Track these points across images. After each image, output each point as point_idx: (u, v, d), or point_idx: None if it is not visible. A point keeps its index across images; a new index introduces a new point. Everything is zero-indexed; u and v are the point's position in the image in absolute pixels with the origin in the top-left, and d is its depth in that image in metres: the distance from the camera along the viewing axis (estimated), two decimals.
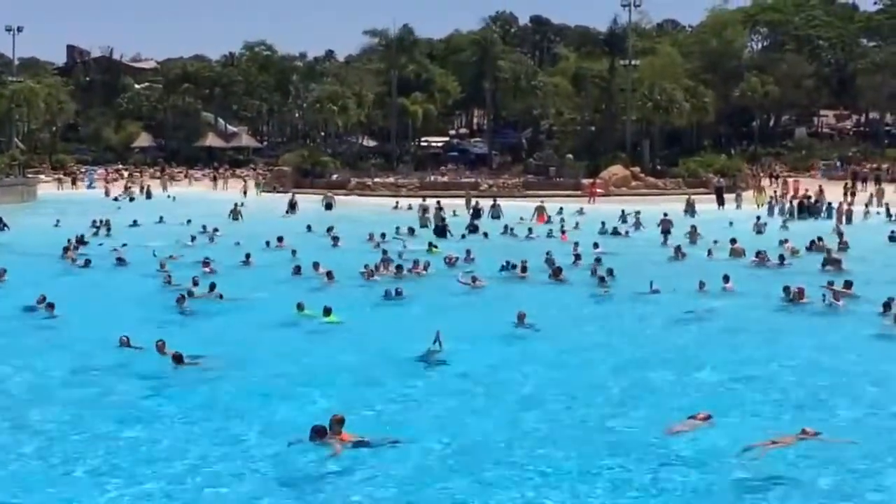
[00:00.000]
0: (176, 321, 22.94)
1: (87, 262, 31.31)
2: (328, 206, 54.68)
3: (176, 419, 15.42)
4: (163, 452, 13.81)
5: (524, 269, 29.20)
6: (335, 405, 15.48)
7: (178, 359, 18.07)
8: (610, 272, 28.19)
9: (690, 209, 50.47)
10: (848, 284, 25.58)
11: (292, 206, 53.23)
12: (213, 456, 13.71)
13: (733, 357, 19.77)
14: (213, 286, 25.62)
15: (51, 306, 22.95)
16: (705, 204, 55.29)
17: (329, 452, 13.40)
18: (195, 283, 26.39)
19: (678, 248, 34.62)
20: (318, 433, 13.49)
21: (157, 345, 18.83)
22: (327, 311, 22.44)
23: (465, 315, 24.05)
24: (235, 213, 48.28)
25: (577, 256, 32.18)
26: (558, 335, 21.58)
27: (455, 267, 30.97)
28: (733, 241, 35.39)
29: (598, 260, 30.84)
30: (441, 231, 41.77)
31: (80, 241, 35.92)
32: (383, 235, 37.98)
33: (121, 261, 31.78)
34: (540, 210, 48.94)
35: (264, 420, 15.28)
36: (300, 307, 23.08)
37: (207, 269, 29.43)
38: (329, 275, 27.99)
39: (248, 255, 32.23)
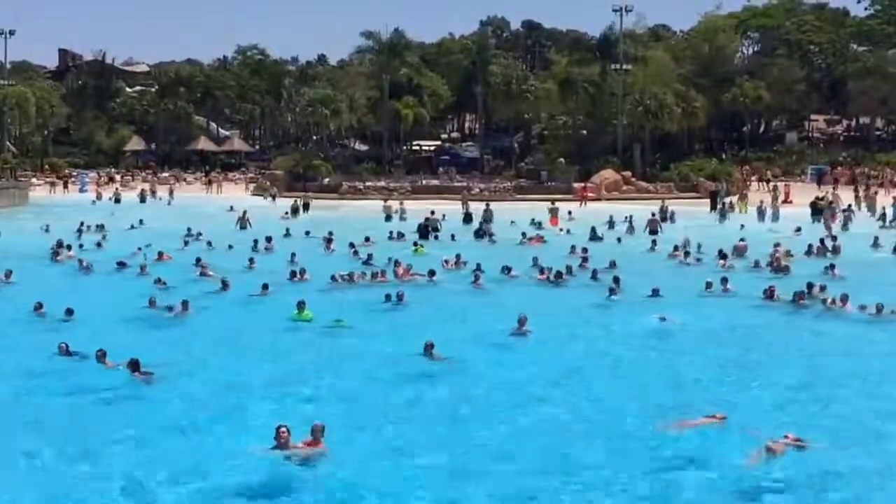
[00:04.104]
0: (162, 326, 22.87)
1: (88, 267, 31.28)
2: (305, 207, 56.22)
3: (133, 431, 14.97)
4: (115, 466, 13.51)
5: (549, 272, 29.41)
6: (321, 410, 15.54)
7: (134, 366, 17.32)
8: (617, 280, 27.99)
9: (668, 215, 49.29)
10: (809, 288, 25.81)
11: (295, 210, 54.45)
12: (174, 469, 13.43)
13: (735, 360, 19.94)
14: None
15: (69, 311, 22.73)
16: (693, 207, 55.38)
17: (297, 459, 13.28)
18: (225, 286, 26.87)
19: (686, 252, 34.60)
20: (281, 437, 13.33)
21: (96, 355, 17.97)
22: (338, 321, 22.51)
23: (465, 318, 24.11)
24: (244, 221, 46.42)
25: (585, 259, 32.27)
26: (560, 339, 21.63)
27: (451, 270, 31.03)
28: (741, 239, 36.19)
29: (612, 263, 30.98)
30: (424, 231, 42.05)
31: (61, 245, 35.70)
32: (367, 239, 38.09)
33: (121, 264, 31.64)
34: (553, 212, 48.94)
35: (227, 429, 15.09)
36: (300, 307, 22.96)
37: (206, 273, 29.64)
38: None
39: (251, 260, 32.56)
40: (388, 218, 50.05)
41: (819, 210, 50.86)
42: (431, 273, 29.29)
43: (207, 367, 19.09)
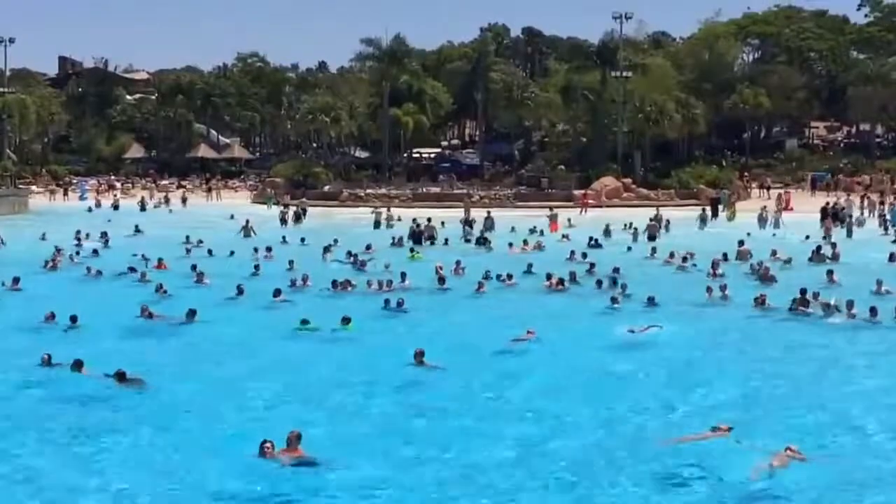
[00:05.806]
0: (165, 333, 22.79)
1: (99, 273, 31.42)
2: (303, 212, 56.62)
3: (117, 441, 14.87)
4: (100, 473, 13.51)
5: (553, 278, 29.31)
6: (313, 419, 15.51)
7: (121, 377, 17.16)
8: (623, 287, 27.80)
9: (664, 223, 48.28)
10: (802, 294, 25.67)
11: (297, 216, 54.55)
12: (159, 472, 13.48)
13: (736, 366, 19.90)
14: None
15: (73, 319, 22.71)
16: (693, 214, 55.27)
17: (282, 466, 13.31)
18: (240, 292, 26.88)
19: (684, 259, 34.40)
20: (265, 449, 13.47)
21: (72, 365, 17.68)
22: (346, 321, 22.50)
23: (465, 326, 24.01)
24: (247, 230, 45.72)
25: (592, 265, 32.06)
26: (560, 347, 21.52)
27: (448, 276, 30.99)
28: (741, 242, 36.18)
29: (616, 270, 30.81)
30: (417, 238, 42.18)
31: (59, 251, 35.90)
32: (369, 247, 38.06)
33: (132, 270, 31.67)
34: (553, 218, 48.86)
35: (213, 439, 15.01)
36: (304, 322, 22.84)
37: (203, 281, 29.79)
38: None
39: (256, 266, 32.49)
40: (378, 225, 50.45)
41: (830, 216, 50.82)
42: (441, 280, 29.40)
43: (205, 372, 19.05)
